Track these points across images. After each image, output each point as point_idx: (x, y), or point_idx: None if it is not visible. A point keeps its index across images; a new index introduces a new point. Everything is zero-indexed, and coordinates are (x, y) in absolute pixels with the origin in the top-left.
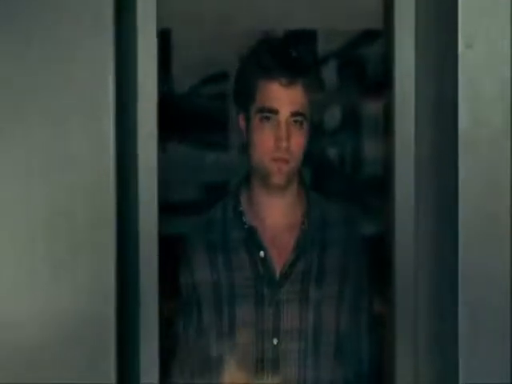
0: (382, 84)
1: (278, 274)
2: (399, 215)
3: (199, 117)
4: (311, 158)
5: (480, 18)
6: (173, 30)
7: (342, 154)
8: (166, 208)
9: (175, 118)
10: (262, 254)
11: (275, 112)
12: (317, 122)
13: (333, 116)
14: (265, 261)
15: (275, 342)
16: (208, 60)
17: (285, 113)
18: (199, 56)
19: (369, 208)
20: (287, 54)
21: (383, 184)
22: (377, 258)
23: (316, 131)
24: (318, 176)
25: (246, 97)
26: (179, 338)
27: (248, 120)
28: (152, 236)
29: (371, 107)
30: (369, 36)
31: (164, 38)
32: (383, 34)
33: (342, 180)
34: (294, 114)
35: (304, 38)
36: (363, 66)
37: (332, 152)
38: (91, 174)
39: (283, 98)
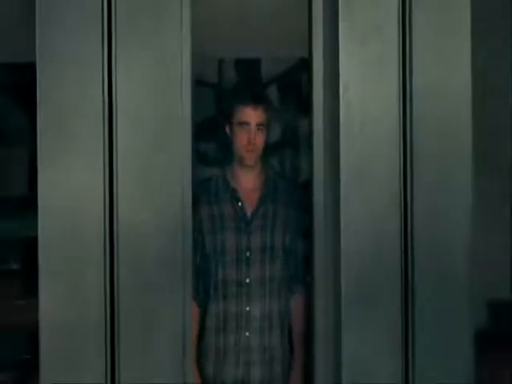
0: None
1: (249, 215)
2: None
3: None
4: (268, 149)
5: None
6: None
7: (284, 149)
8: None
9: None
10: (239, 203)
11: (248, 124)
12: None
13: (277, 125)
14: (241, 208)
15: (248, 254)
16: None
17: (253, 124)
18: None
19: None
20: (256, 92)
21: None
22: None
23: (269, 134)
24: (271, 159)
25: (231, 115)
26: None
27: (231, 128)
28: None
29: (303, 119)
30: (304, 63)
31: None
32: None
33: (284, 161)
34: (258, 124)
35: (251, 65)
36: (299, 88)
37: (278, 147)
38: None
39: (253, 115)
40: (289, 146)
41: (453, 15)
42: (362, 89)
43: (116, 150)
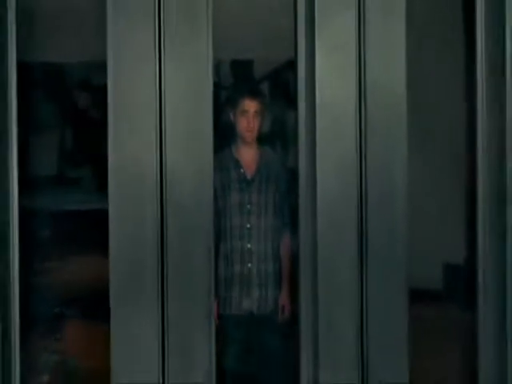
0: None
1: (249, 179)
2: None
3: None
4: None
5: None
6: None
7: (274, 130)
8: None
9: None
10: (242, 170)
11: (247, 111)
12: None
13: (270, 113)
14: (243, 174)
15: (248, 206)
16: None
17: (252, 111)
18: None
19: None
20: (252, 87)
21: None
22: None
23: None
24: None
25: (235, 105)
26: None
27: (235, 114)
28: None
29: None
30: (290, 64)
31: None
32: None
33: (274, 140)
34: (255, 111)
35: (244, 65)
36: (286, 84)
37: (270, 129)
38: None
39: (251, 105)
40: (277, 129)
41: (391, 27)
42: (330, 83)
43: (164, 128)
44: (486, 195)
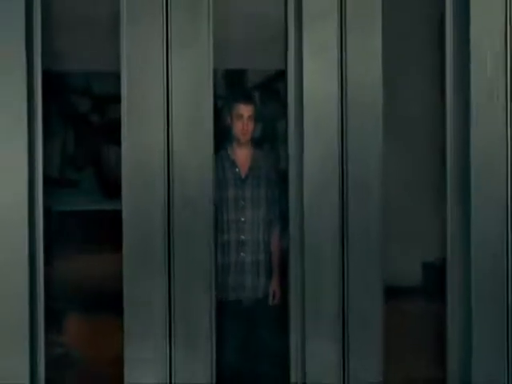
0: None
1: (243, 177)
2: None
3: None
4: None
5: None
6: None
7: (266, 133)
8: None
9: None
10: (237, 169)
11: (242, 115)
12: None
13: (261, 116)
14: (238, 172)
15: (242, 202)
16: None
17: (246, 115)
18: None
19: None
20: (246, 94)
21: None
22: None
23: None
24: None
25: (232, 110)
26: None
27: (231, 118)
28: None
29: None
30: (280, 74)
31: None
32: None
33: (265, 142)
34: (249, 115)
35: (238, 74)
36: (277, 91)
37: (262, 132)
38: None
39: (245, 109)
40: (269, 132)
41: (369, 33)
42: (315, 83)
43: (171, 119)
44: (453, 190)
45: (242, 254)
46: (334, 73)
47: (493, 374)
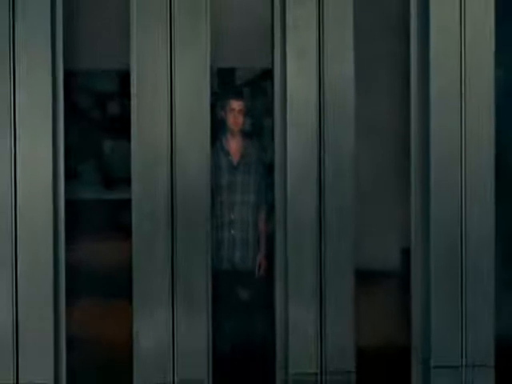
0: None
1: (235, 164)
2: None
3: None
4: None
5: None
6: None
7: (255, 125)
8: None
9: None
10: (230, 158)
11: (234, 109)
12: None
13: (250, 110)
14: (231, 161)
15: (234, 186)
16: None
17: (238, 109)
18: None
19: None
20: (237, 91)
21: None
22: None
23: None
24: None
25: (225, 105)
26: None
27: (225, 112)
28: None
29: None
30: (267, 72)
31: None
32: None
33: (256, 131)
34: (240, 109)
35: (228, 72)
36: (265, 88)
37: (251, 123)
38: None
39: (237, 104)
40: (257, 124)
41: (343, 38)
42: (297, 82)
43: (175, 116)
44: (417, 180)
45: (232, 231)
46: (313, 74)
47: (450, 341)
